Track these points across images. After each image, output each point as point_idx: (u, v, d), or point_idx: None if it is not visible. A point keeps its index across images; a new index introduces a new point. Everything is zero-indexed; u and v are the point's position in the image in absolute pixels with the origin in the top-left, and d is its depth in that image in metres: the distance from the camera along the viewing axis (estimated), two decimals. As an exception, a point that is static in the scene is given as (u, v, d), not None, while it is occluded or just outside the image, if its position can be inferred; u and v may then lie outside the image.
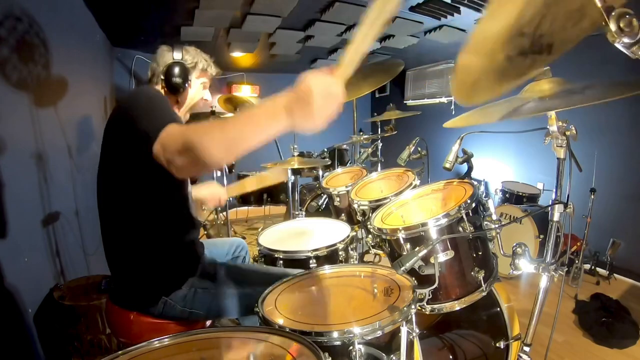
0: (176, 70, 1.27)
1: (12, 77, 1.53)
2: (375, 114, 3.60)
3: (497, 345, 1.37)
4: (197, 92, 1.38)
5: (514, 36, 0.80)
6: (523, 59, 0.83)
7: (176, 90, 1.29)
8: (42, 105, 1.84)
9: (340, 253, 1.53)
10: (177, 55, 1.30)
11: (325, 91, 0.75)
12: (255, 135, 0.80)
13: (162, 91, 1.30)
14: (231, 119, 0.90)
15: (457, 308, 1.19)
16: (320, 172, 3.23)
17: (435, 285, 1.05)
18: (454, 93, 1.00)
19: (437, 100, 4.78)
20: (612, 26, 0.60)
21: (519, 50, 0.82)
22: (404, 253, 1.14)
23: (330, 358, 0.79)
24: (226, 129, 0.84)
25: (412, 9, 2.87)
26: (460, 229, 1.14)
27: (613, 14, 0.59)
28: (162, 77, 1.28)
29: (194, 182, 1.63)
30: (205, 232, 3.67)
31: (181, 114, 1.37)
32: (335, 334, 0.85)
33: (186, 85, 1.30)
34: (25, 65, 1.65)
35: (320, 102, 0.74)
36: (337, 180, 2.22)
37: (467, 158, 1.97)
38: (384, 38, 3.63)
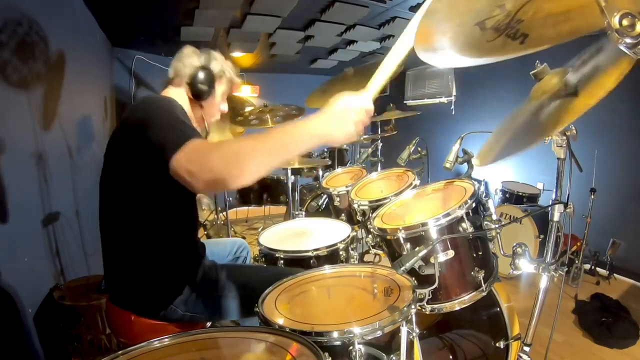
0: (204, 76, 1.24)
1: (12, 77, 1.52)
2: (375, 114, 3.58)
3: (497, 345, 1.37)
4: (219, 102, 1.35)
5: (493, 3, 0.76)
6: (495, 36, 0.80)
7: (200, 97, 1.26)
8: (42, 105, 1.84)
9: (340, 253, 1.53)
10: (204, 60, 1.26)
11: (357, 104, 0.89)
12: (294, 147, 0.86)
13: (186, 97, 1.27)
14: (270, 133, 0.88)
15: (457, 308, 1.19)
16: (320, 172, 3.23)
17: (435, 285, 1.05)
18: (416, 40, 0.91)
19: (437, 100, 4.78)
20: (615, 26, 0.60)
21: (493, 24, 0.79)
22: (404, 253, 1.14)
23: (330, 358, 0.79)
24: (267, 142, 0.86)
25: (412, 9, 2.87)
26: (460, 229, 1.14)
27: (615, 14, 0.59)
28: (187, 80, 1.24)
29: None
30: (205, 232, 3.67)
31: (206, 122, 1.35)
32: (335, 334, 0.85)
33: (211, 94, 1.27)
34: (25, 65, 1.65)
35: (352, 114, 0.87)
36: (337, 180, 2.22)
37: (467, 158, 1.97)
38: (384, 38, 3.63)
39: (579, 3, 0.70)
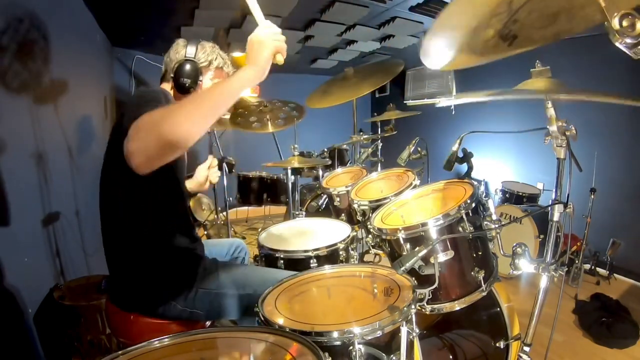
0: (186, 69, 1.22)
1: (12, 77, 1.52)
2: (375, 114, 3.59)
3: (497, 345, 1.37)
4: None
5: (501, 4, 0.75)
6: (492, 36, 0.80)
7: (185, 90, 1.24)
8: (42, 105, 1.84)
9: (340, 253, 1.53)
10: (190, 51, 1.25)
11: (265, 34, 1.00)
12: (226, 99, 0.92)
13: (172, 91, 1.27)
14: (199, 94, 0.96)
15: (457, 308, 1.19)
16: (320, 172, 3.23)
17: (435, 285, 1.05)
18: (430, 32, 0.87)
19: (437, 100, 4.78)
20: (615, 26, 0.59)
21: (495, 23, 0.78)
22: (404, 253, 1.14)
23: (330, 358, 0.79)
24: (198, 101, 0.91)
25: (412, 9, 2.87)
26: (460, 229, 1.14)
27: (616, 14, 0.59)
28: (171, 74, 1.24)
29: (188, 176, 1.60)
30: (205, 232, 3.67)
31: None
32: (335, 334, 0.85)
33: (196, 85, 1.25)
34: (25, 65, 1.65)
35: (269, 42, 0.99)
36: (337, 180, 2.22)
37: (467, 158, 1.98)
38: (384, 38, 3.63)
39: (571, 3, 0.70)
